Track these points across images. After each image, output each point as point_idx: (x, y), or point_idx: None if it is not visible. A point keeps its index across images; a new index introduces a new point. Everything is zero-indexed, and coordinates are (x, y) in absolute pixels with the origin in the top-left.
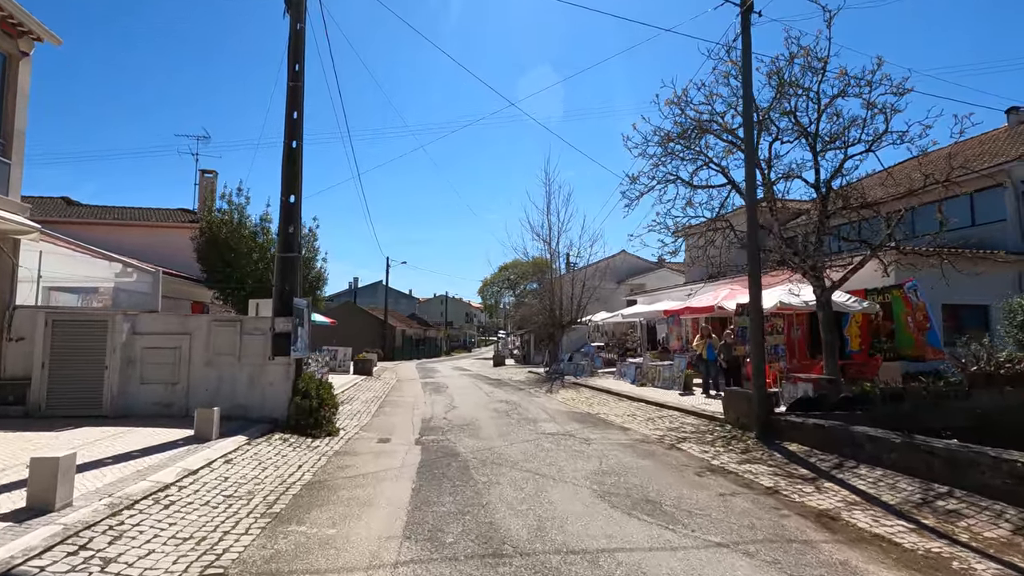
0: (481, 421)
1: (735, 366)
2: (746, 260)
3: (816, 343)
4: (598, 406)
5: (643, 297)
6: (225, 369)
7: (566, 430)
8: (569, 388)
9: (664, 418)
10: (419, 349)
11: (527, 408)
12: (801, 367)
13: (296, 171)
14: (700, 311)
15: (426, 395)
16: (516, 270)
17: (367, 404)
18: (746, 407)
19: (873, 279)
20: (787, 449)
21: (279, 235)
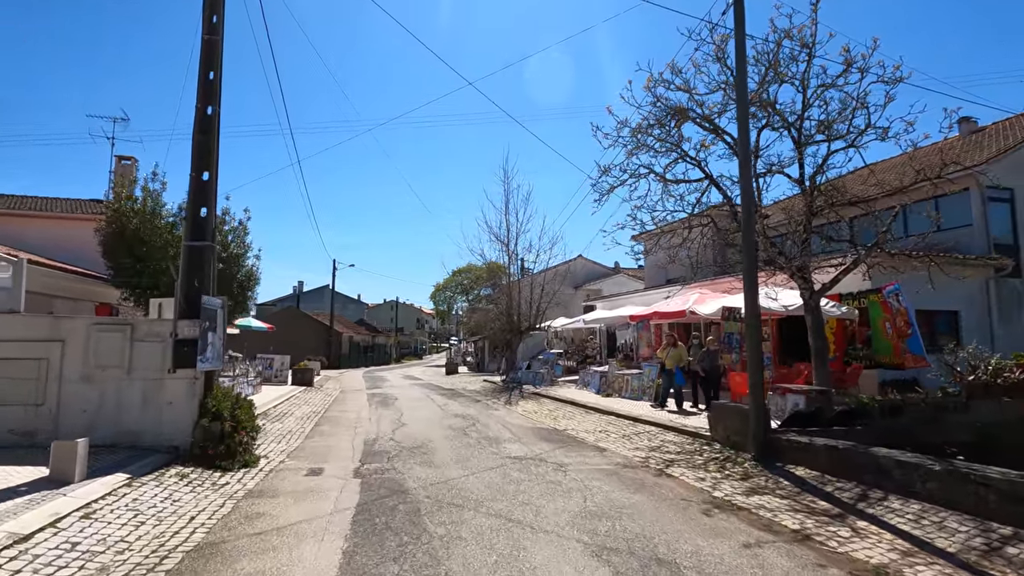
0: (435, 442)
1: (715, 377)
2: (724, 260)
3: (789, 350)
4: (564, 420)
5: (602, 302)
6: (110, 385)
7: (535, 452)
8: (529, 399)
9: (641, 435)
10: (367, 356)
11: (486, 424)
12: (778, 376)
13: (211, 142)
14: (670, 316)
15: (372, 409)
16: (470, 275)
17: (301, 422)
18: (738, 423)
19: (850, 283)
20: (793, 474)
21: (187, 219)
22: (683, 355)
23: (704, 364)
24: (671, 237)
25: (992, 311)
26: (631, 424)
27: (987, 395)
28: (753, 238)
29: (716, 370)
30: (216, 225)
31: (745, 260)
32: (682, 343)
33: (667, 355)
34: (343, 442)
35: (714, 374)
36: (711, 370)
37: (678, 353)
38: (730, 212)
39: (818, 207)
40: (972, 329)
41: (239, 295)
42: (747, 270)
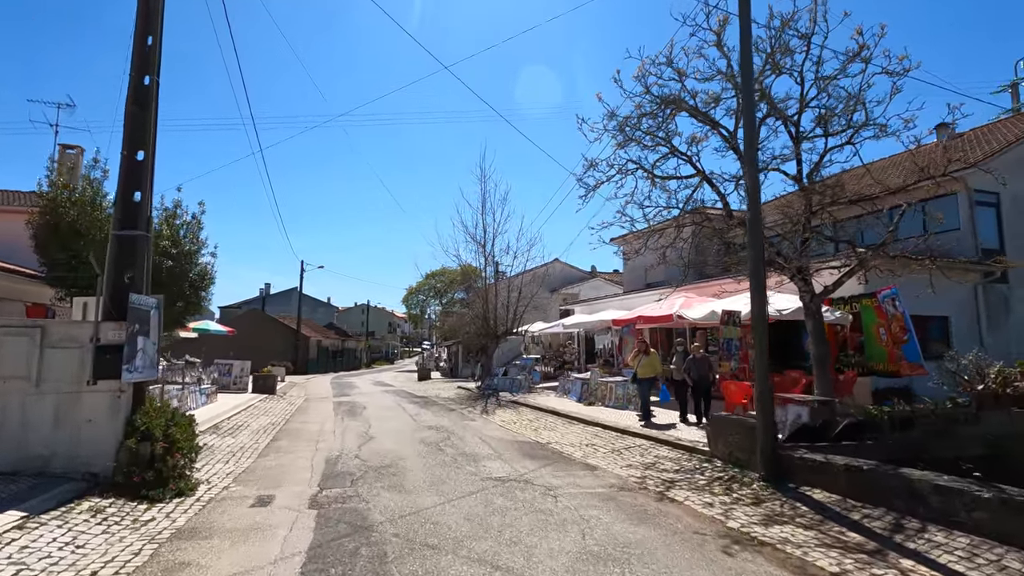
0: (406, 460)
1: (705, 386)
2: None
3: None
4: (546, 432)
5: (581, 307)
6: (12, 399)
7: (519, 472)
8: (507, 408)
9: (632, 449)
10: (336, 361)
11: (463, 437)
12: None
13: (148, 117)
14: (656, 320)
15: (337, 420)
16: (443, 278)
17: (257, 435)
18: (742, 438)
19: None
20: (810, 498)
21: (116, 203)
22: (656, 363)
23: (691, 372)
24: (658, 237)
25: (981, 317)
26: (619, 437)
27: (996, 405)
28: (761, 234)
29: (705, 379)
30: (166, 218)
31: (751, 259)
32: (654, 350)
33: (638, 363)
34: (301, 461)
35: (703, 383)
36: (699, 379)
37: (650, 361)
38: (724, 210)
39: (818, 205)
40: (963, 335)
41: (191, 295)
42: (753, 270)
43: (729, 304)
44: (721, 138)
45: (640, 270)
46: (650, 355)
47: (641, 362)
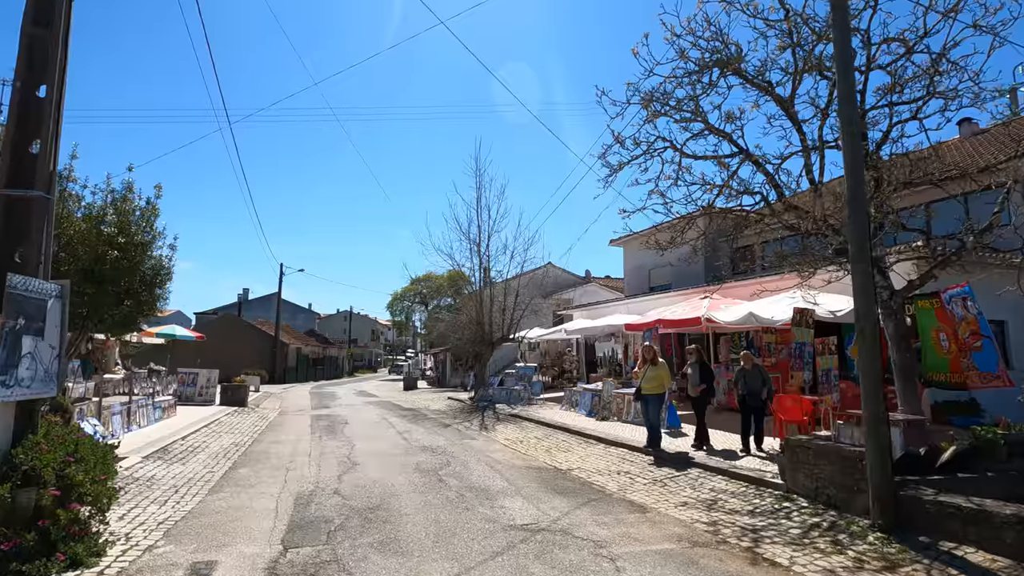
0: (400, 497)
1: (757, 404)
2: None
3: None
4: (562, 454)
5: (580, 312)
6: None
7: (549, 516)
8: (508, 423)
9: (677, 479)
10: (317, 370)
11: (465, 462)
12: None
13: (50, 41)
14: (679, 324)
15: (314, 439)
16: (430, 283)
17: (213, 461)
18: (835, 471)
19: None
20: (968, 563)
21: (4, 152)
22: (665, 376)
23: (739, 386)
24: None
25: None
26: (654, 461)
27: None
28: (864, 207)
29: (758, 395)
30: (113, 202)
31: (854, 238)
32: (663, 359)
33: (643, 375)
34: (263, 499)
35: (755, 400)
36: (751, 394)
37: (658, 374)
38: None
39: (893, 184)
40: (1021, 342)
41: (143, 292)
42: (856, 253)
43: (771, 303)
44: (777, 106)
45: (642, 273)
46: (658, 366)
47: (647, 374)
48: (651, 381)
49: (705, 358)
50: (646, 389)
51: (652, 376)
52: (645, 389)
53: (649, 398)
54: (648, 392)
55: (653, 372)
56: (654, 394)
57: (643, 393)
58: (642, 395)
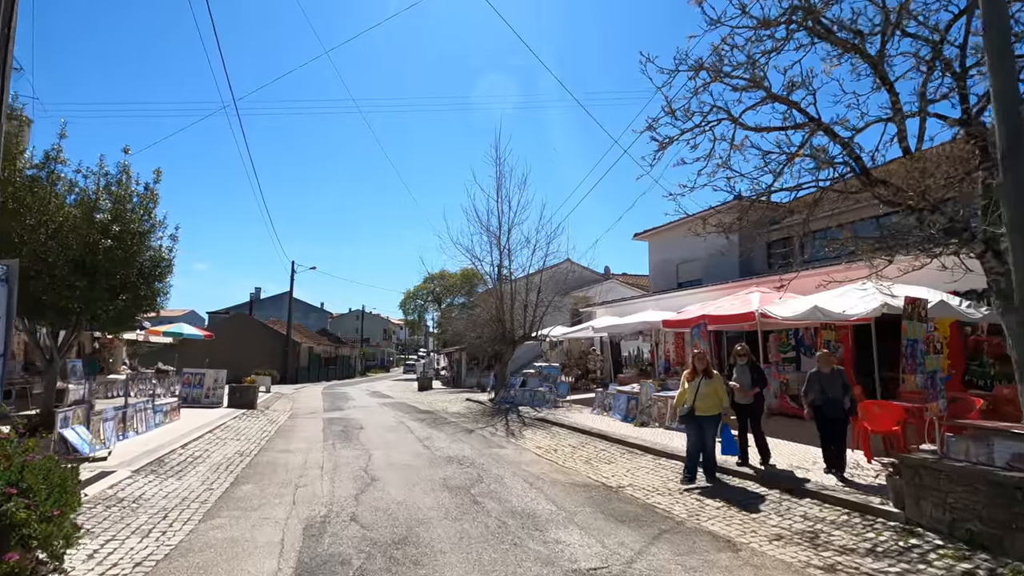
0: (430, 527)
1: (839, 415)
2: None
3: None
4: (606, 466)
5: (605, 309)
6: None
7: (621, 557)
8: (537, 428)
9: (755, 503)
10: (329, 370)
11: (500, 477)
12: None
13: None
14: (728, 320)
15: (327, 446)
16: (443, 282)
17: (213, 475)
18: (980, 501)
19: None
20: None
21: None
22: (723, 392)
23: (811, 394)
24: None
25: None
26: (726, 477)
27: None
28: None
29: (838, 404)
30: (106, 186)
31: (1014, 200)
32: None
33: (695, 391)
34: (266, 530)
35: (836, 410)
36: (829, 403)
37: (715, 388)
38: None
39: None
40: None
41: (141, 286)
42: (1016, 220)
43: (837, 296)
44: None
45: (669, 268)
46: (714, 379)
47: (701, 389)
48: (707, 399)
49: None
50: (701, 409)
51: (708, 392)
52: (701, 409)
53: (704, 421)
54: (703, 413)
55: (709, 387)
56: (710, 415)
57: (696, 414)
58: (693, 416)
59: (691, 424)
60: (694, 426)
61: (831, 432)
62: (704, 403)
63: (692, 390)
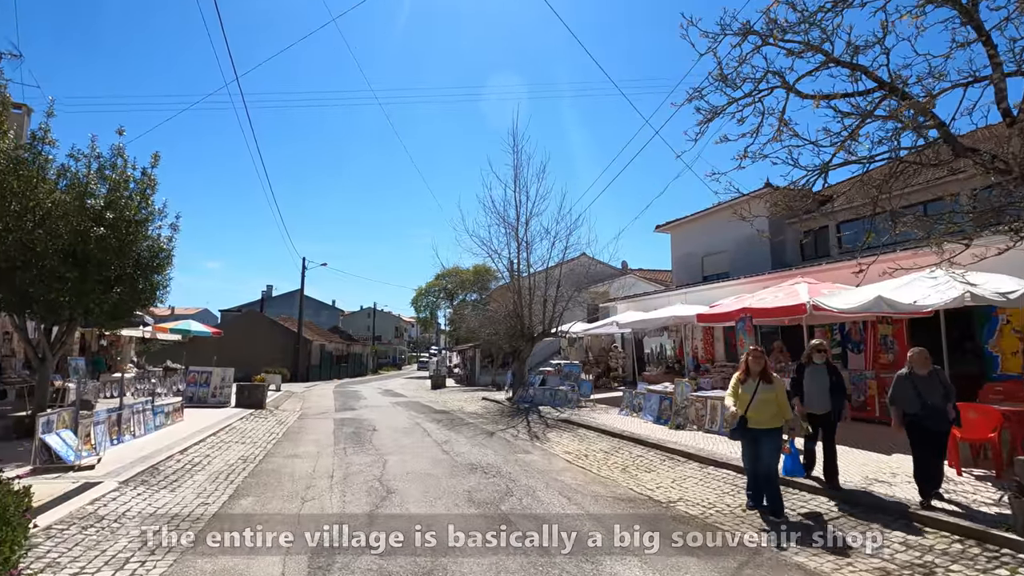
0: (458, 558)
1: (940, 429)
2: None
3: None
4: (646, 475)
5: (627, 304)
6: None
7: None
8: (562, 430)
9: (848, 527)
10: (341, 367)
11: (531, 490)
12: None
13: None
14: (774, 313)
15: (338, 451)
16: (455, 278)
17: (211, 487)
18: None
19: None
20: None
21: None
22: (785, 401)
23: (911, 403)
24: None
25: None
26: (796, 493)
27: None
28: None
29: (941, 414)
30: (99, 169)
31: None
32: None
33: (750, 398)
34: (264, 561)
35: (938, 421)
36: (931, 414)
37: (776, 395)
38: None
39: None
40: None
41: (138, 278)
42: None
43: (902, 286)
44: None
45: (693, 261)
46: (775, 384)
47: (759, 395)
48: (764, 408)
49: (830, 358)
50: (757, 420)
51: (767, 399)
52: (755, 420)
53: (761, 435)
54: (760, 426)
55: (768, 393)
56: (769, 428)
57: (751, 427)
58: (748, 429)
59: (745, 438)
60: (749, 440)
61: (932, 447)
62: (760, 413)
63: (745, 396)
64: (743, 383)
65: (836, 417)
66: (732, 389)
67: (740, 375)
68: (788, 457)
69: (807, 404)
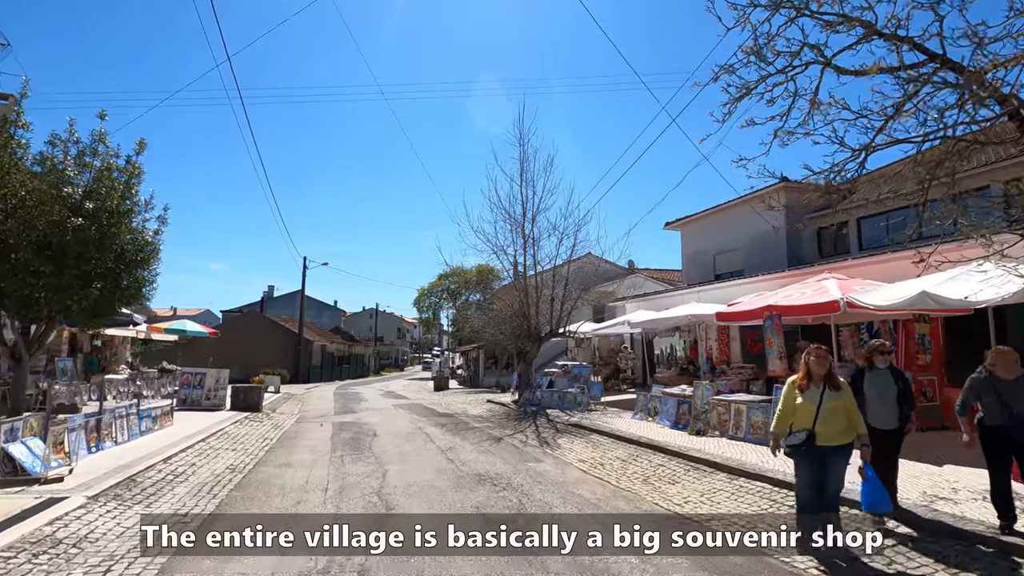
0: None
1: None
2: None
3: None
4: (671, 487)
5: (637, 303)
6: None
7: None
8: (573, 436)
9: (925, 554)
10: (342, 368)
11: (547, 505)
12: None
13: None
14: (804, 311)
15: (334, 459)
16: (458, 279)
17: (191, 502)
18: None
19: None
20: None
21: None
22: (855, 412)
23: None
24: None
25: None
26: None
27: None
28: None
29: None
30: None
31: None
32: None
33: (816, 408)
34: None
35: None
36: (1016, 423)
37: (844, 403)
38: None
39: None
40: None
41: (122, 274)
42: None
43: (946, 280)
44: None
45: (704, 259)
46: (843, 391)
47: (826, 403)
48: (834, 420)
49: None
50: (826, 436)
51: (836, 409)
52: (825, 436)
53: (830, 454)
54: (829, 442)
55: (836, 402)
56: (840, 445)
57: (819, 444)
58: (816, 446)
59: (808, 457)
60: (812, 460)
61: (1014, 461)
62: (830, 426)
63: (808, 407)
64: (803, 391)
65: (904, 430)
66: (787, 398)
67: (799, 381)
68: (866, 485)
69: (870, 418)
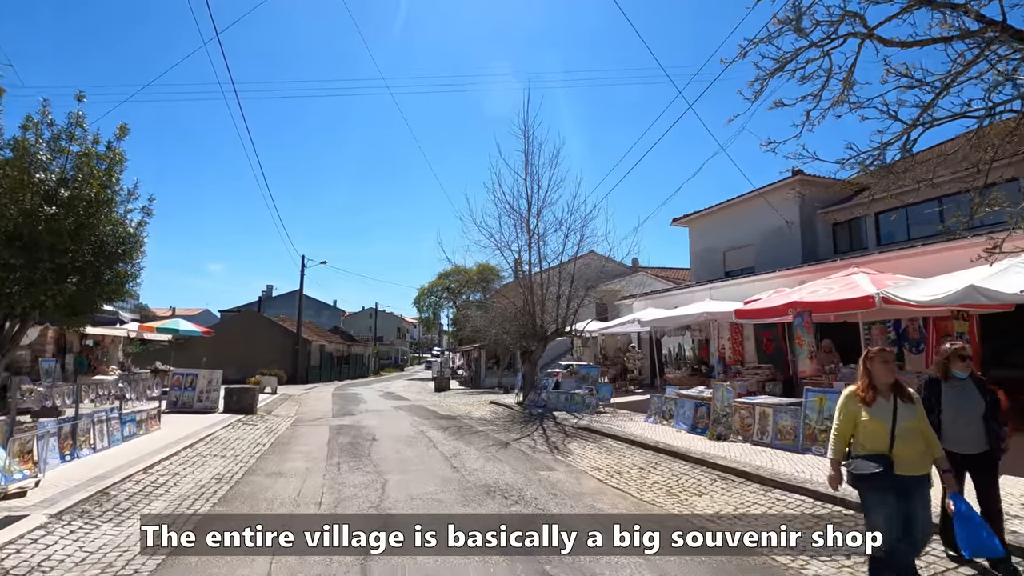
0: None
1: None
2: None
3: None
4: (698, 499)
5: (645, 301)
6: None
7: None
8: (584, 440)
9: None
10: (342, 369)
11: (570, 526)
12: None
13: None
14: (833, 307)
15: (329, 469)
16: (458, 278)
17: (170, 513)
18: None
19: None
20: None
21: None
22: (929, 429)
23: None
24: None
25: None
26: None
27: None
28: None
29: None
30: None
31: None
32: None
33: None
34: None
35: None
36: None
37: (919, 423)
38: None
39: None
40: None
41: (101, 267)
42: None
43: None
44: None
45: (714, 256)
46: (917, 405)
47: (902, 423)
48: (912, 441)
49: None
50: (908, 463)
51: (913, 429)
52: (907, 463)
53: (914, 485)
54: (911, 472)
55: (912, 419)
56: (921, 475)
57: (899, 472)
58: (896, 476)
59: (884, 491)
60: (890, 493)
61: None
62: (911, 448)
63: (879, 426)
64: (868, 404)
65: (997, 456)
66: (847, 413)
67: (860, 392)
68: (961, 522)
69: (946, 441)
